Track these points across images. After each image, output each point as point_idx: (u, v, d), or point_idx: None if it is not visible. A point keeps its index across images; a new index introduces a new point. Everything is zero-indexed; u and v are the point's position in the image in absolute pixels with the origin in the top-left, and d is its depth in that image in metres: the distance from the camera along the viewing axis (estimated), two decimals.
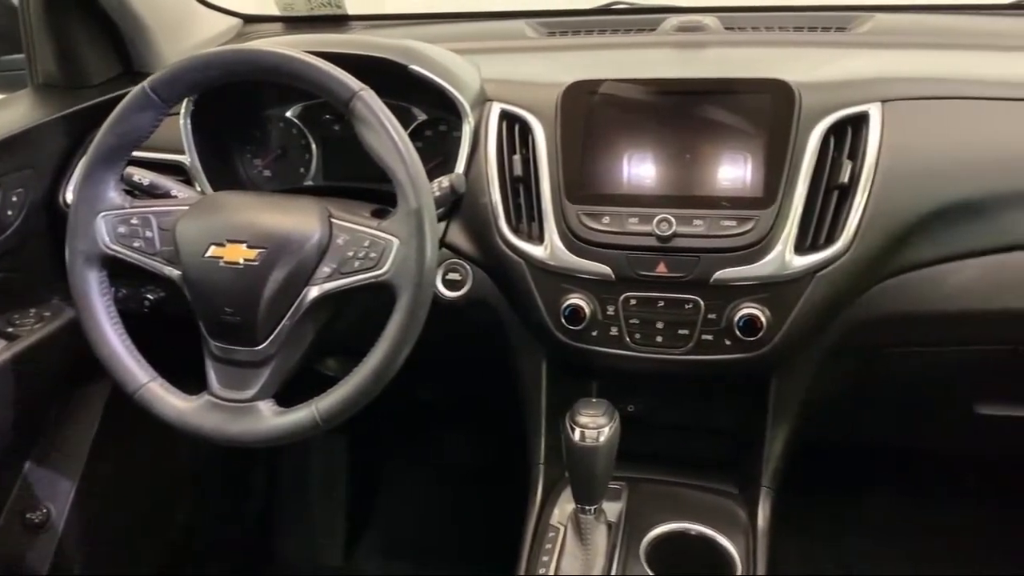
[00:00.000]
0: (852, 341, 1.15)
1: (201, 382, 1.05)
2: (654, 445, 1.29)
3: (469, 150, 1.19)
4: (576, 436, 1.02)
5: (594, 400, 1.07)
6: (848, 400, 1.32)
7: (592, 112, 1.15)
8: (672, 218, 1.09)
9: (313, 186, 1.38)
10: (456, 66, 1.24)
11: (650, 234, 1.09)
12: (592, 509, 1.09)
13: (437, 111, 1.29)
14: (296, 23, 1.72)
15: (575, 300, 1.13)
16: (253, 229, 1.01)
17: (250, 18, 1.76)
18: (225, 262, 1.00)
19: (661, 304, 1.11)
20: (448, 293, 1.20)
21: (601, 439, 1.02)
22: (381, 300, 0.97)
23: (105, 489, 1.55)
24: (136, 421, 1.09)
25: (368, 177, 1.13)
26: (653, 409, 1.31)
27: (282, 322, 1.01)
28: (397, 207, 0.97)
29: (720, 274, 1.08)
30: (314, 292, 0.99)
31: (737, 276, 1.08)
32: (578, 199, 1.13)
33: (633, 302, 1.12)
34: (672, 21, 1.45)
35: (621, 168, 1.13)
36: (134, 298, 1.37)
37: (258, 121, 1.39)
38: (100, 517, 1.55)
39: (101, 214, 1.06)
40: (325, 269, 0.99)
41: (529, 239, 1.15)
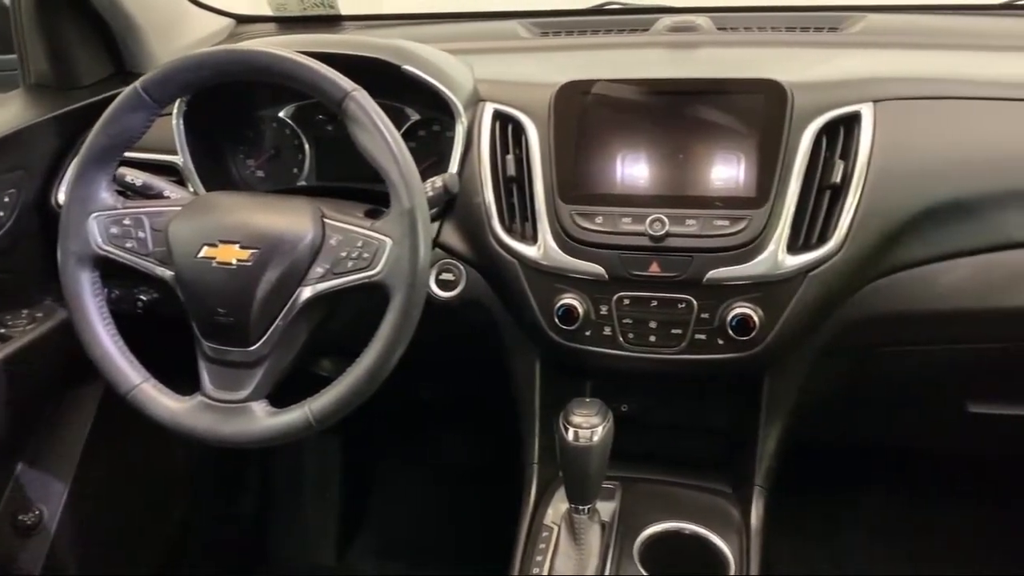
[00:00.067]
0: (844, 340, 1.15)
1: (194, 383, 1.04)
2: (647, 445, 1.29)
3: (462, 150, 1.19)
4: (570, 436, 1.03)
5: (588, 400, 1.07)
6: (841, 399, 1.32)
7: (585, 112, 1.15)
8: (665, 218, 1.09)
9: (306, 186, 1.38)
10: (449, 66, 1.24)
11: (643, 234, 1.09)
12: (586, 509, 1.09)
13: (430, 111, 1.29)
14: (289, 23, 1.72)
15: (568, 300, 1.13)
16: (246, 229, 1.01)
17: (243, 18, 1.76)
18: (218, 263, 1.00)
19: (654, 304, 1.12)
20: (441, 293, 1.20)
21: (595, 439, 1.02)
22: (374, 300, 0.97)
23: (98, 490, 1.55)
24: (129, 422, 1.09)
25: (361, 177, 1.13)
26: (646, 409, 1.31)
27: (275, 323, 1.00)
28: (390, 207, 0.97)
29: (713, 274, 1.08)
30: (307, 292, 0.99)
31: (730, 276, 1.08)
32: (571, 199, 1.13)
33: (626, 302, 1.12)
34: (665, 21, 1.45)
35: (614, 168, 1.14)
36: (127, 299, 1.36)
37: (251, 121, 1.39)
38: (93, 518, 1.54)
39: (93, 215, 1.05)
40: (318, 269, 0.99)
41: (522, 239, 1.15)
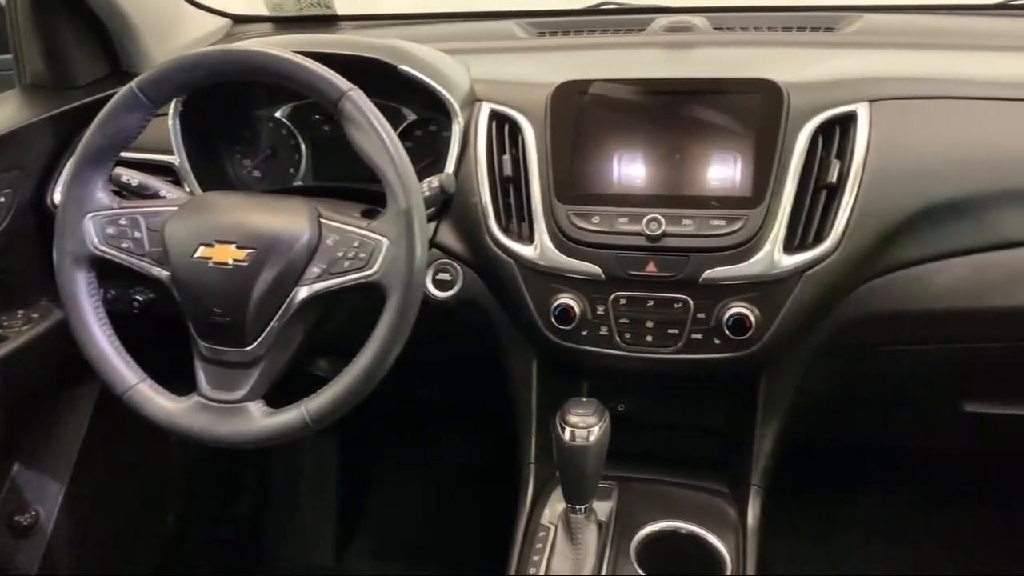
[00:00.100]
0: (840, 340, 1.16)
1: (190, 383, 1.04)
2: (644, 444, 1.30)
3: (459, 150, 1.19)
4: (566, 435, 1.02)
5: (584, 400, 1.07)
6: (837, 399, 1.32)
7: (582, 112, 1.15)
8: (661, 218, 1.09)
9: (303, 186, 1.38)
10: (446, 66, 1.24)
11: (640, 234, 1.09)
12: (582, 508, 1.09)
13: (427, 111, 1.29)
14: (285, 23, 1.72)
15: (565, 300, 1.13)
16: (242, 229, 1.01)
17: (239, 18, 1.76)
18: (214, 263, 1.00)
19: (651, 303, 1.12)
20: (438, 293, 1.20)
21: (591, 438, 1.02)
22: (371, 300, 0.97)
23: (95, 491, 1.55)
24: (125, 422, 1.09)
25: (358, 177, 1.13)
26: (643, 408, 1.31)
27: (271, 323, 1.00)
28: (387, 207, 0.97)
29: (709, 273, 1.08)
30: (303, 292, 0.99)
31: (726, 275, 1.08)
32: (568, 199, 1.13)
33: (623, 302, 1.12)
34: (661, 21, 1.45)
35: (611, 168, 1.14)
36: (123, 299, 1.36)
37: (247, 121, 1.39)
38: (90, 519, 1.54)
39: (89, 215, 1.05)
40: (315, 269, 0.99)
41: (519, 239, 1.15)
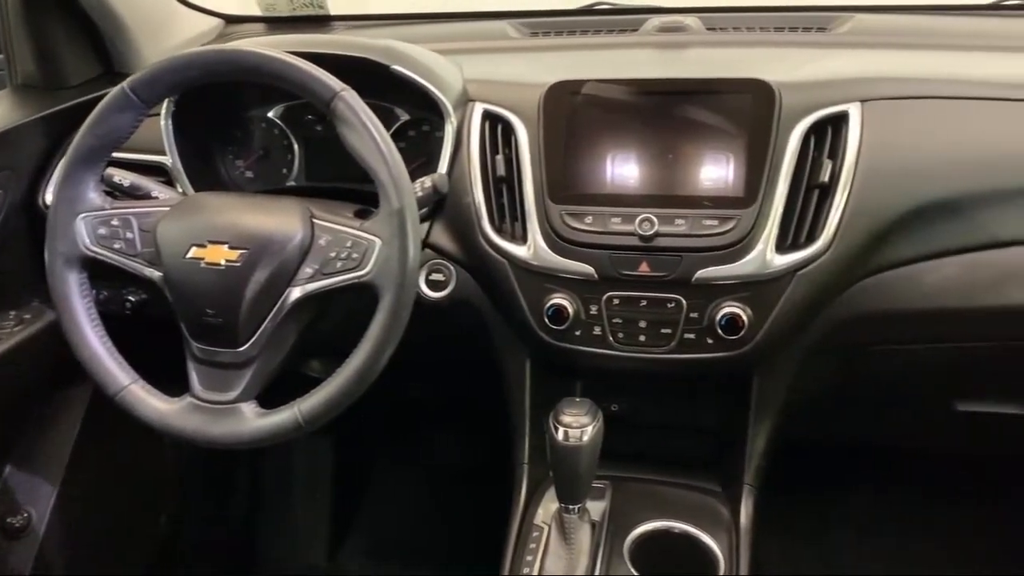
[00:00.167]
0: (833, 339, 1.16)
1: (183, 384, 1.04)
2: (637, 444, 1.30)
3: (452, 150, 1.19)
4: (560, 435, 1.02)
5: (577, 399, 1.07)
6: (830, 398, 1.33)
7: (575, 112, 1.15)
8: (654, 218, 1.09)
9: (295, 187, 1.38)
10: (438, 66, 1.24)
11: (632, 234, 1.10)
12: (576, 508, 1.09)
13: (420, 111, 1.29)
14: (278, 23, 1.72)
15: (558, 300, 1.13)
16: (235, 230, 1.01)
17: (232, 18, 1.75)
18: (206, 263, 1.00)
19: (644, 303, 1.12)
20: (431, 293, 1.20)
21: (584, 438, 1.02)
22: (364, 301, 0.97)
23: (87, 492, 1.54)
24: (118, 424, 1.09)
25: (351, 177, 1.12)
26: (636, 408, 1.31)
27: (264, 323, 1.00)
28: (379, 207, 0.97)
29: (702, 273, 1.08)
30: (296, 293, 0.99)
31: (719, 275, 1.08)
32: (561, 199, 1.13)
33: (616, 301, 1.13)
34: (654, 21, 1.45)
35: (604, 168, 1.14)
36: (115, 300, 1.36)
37: (240, 122, 1.39)
38: (82, 521, 1.54)
39: (81, 215, 1.05)
40: (307, 270, 0.99)
41: (512, 239, 1.16)
